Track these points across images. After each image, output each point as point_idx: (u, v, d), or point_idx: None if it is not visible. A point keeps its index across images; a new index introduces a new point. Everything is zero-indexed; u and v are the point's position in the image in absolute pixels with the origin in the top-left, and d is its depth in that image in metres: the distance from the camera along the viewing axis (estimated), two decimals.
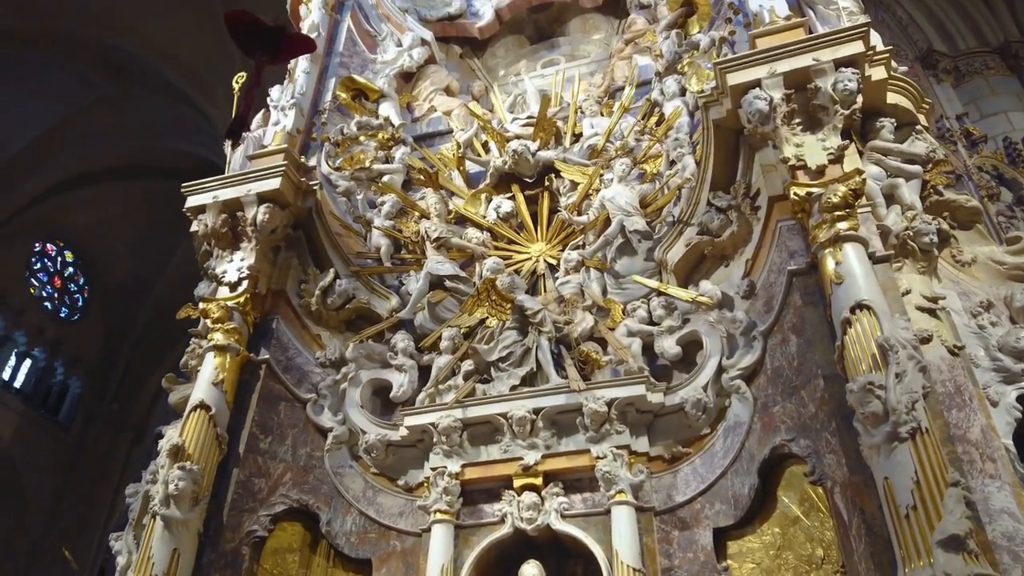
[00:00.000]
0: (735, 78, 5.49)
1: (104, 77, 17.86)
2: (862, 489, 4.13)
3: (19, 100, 17.65)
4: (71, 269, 21.57)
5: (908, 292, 4.91)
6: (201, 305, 6.36)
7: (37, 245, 20.36)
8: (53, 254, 21.04)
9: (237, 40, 5.38)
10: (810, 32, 5.78)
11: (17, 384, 18.94)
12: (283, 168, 6.62)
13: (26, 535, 17.87)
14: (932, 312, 4.86)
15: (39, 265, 20.47)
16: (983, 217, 5.67)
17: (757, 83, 5.41)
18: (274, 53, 5.55)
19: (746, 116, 5.41)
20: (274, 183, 6.56)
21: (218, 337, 6.05)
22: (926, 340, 4.67)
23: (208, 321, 6.22)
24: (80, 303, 21.67)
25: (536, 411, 5.60)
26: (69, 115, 18.17)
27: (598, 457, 5.36)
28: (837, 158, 5.15)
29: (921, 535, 3.64)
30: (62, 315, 20.93)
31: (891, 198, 5.37)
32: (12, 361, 18.80)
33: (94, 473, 20.10)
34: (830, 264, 4.69)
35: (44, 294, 20.47)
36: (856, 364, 4.26)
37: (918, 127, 5.70)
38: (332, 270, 6.78)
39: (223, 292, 6.38)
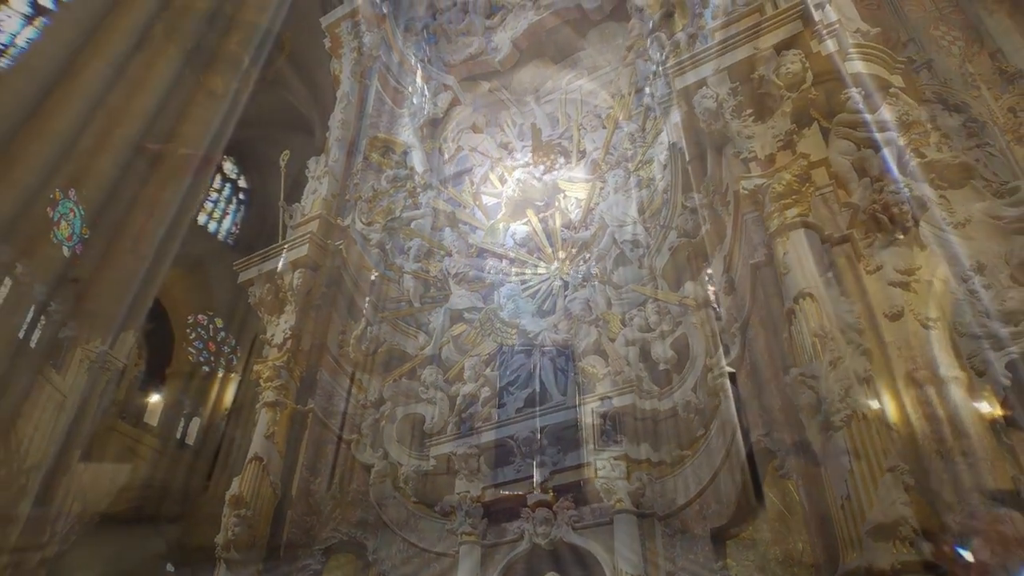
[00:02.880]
0: (681, 82, 5.55)
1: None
2: (817, 480, 4.06)
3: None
4: (222, 333, 24.14)
5: (879, 268, 4.75)
6: (255, 367, 7.20)
7: (190, 318, 23.02)
8: (205, 323, 23.67)
9: None
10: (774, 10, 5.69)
11: (189, 441, 21.42)
12: (309, 235, 7.39)
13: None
14: (906, 286, 4.67)
15: (194, 335, 23.12)
16: (977, 172, 5.29)
17: (704, 82, 5.44)
18: None
19: (699, 116, 5.44)
20: (303, 250, 7.34)
21: (268, 395, 6.84)
22: (896, 316, 4.52)
23: (261, 381, 7.03)
24: (234, 362, 24.18)
25: (540, 430, 5.87)
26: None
27: (597, 469, 5.53)
28: (787, 144, 5.07)
29: (855, 525, 3.58)
30: (219, 375, 23.44)
31: (863, 171, 5.18)
32: (182, 421, 21.30)
33: None
34: (780, 253, 4.65)
35: (201, 359, 23.05)
36: (799, 354, 4.22)
37: (892, 90, 5.43)
38: (363, 319, 7.40)
39: (272, 353, 7.19)
